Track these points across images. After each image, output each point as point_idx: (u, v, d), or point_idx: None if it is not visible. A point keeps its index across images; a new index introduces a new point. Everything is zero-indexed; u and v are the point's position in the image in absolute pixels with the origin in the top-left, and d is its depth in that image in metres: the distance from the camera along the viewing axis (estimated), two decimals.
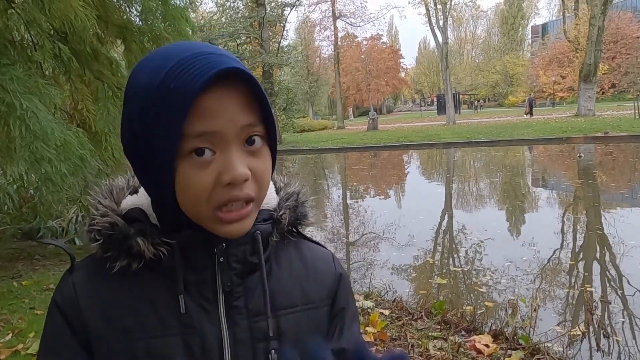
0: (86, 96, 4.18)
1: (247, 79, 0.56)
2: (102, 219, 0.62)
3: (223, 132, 0.55)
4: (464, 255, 5.67)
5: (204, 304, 0.62)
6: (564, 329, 3.44)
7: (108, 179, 0.69)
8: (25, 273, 4.76)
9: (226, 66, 0.53)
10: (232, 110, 0.55)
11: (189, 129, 0.54)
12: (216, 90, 0.54)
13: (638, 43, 36.50)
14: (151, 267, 0.62)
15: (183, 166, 0.55)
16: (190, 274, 0.62)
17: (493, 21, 71.61)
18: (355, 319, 0.76)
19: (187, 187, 0.56)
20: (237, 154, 0.56)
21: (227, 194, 0.56)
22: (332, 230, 7.56)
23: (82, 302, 0.62)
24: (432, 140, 20.48)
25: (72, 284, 0.63)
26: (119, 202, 0.66)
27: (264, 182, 0.60)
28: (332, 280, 0.73)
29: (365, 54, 51.85)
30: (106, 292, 0.62)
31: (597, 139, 16.71)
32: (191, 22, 5.03)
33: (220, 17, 26.36)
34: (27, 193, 5.07)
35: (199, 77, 0.52)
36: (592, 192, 9.10)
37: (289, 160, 19.82)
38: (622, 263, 4.95)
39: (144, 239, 0.60)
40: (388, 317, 3.41)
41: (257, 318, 0.64)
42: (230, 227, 0.58)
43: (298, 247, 0.73)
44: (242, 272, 0.64)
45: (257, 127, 0.58)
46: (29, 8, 3.55)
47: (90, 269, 0.65)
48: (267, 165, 0.61)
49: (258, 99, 0.58)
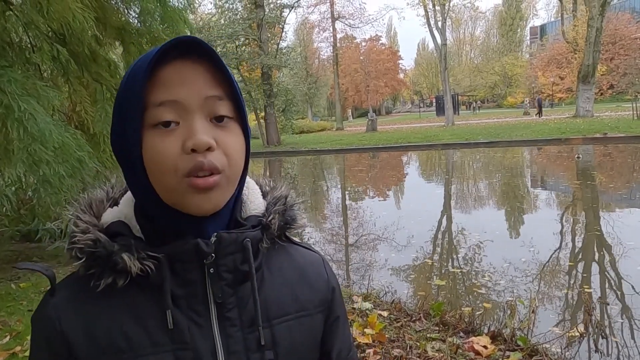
0: (84, 98, 4.17)
1: (208, 53, 0.57)
2: (84, 236, 0.60)
3: (185, 101, 0.56)
4: (463, 257, 5.67)
5: (195, 318, 0.60)
6: (562, 330, 3.44)
7: (87, 193, 0.67)
8: (24, 275, 4.75)
9: (183, 37, 0.55)
10: (194, 81, 0.57)
11: (152, 98, 0.56)
12: (178, 63, 0.57)
13: (636, 44, 36.54)
14: (138, 282, 0.59)
15: (149, 137, 0.57)
16: (179, 288, 0.60)
17: (492, 22, 71.69)
18: (347, 321, 0.77)
19: (153, 157, 0.56)
20: (201, 122, 0.57)
21: (192, 160, 0.55)
22: (331, 231, 7.56)
23: (65, 325, 0.60)
24: (431, 141, 20.48)
25: (52, 308, 0.61)
26: (99, 215, 0.64)
27: (233, 157, 0.59)
28: (324, 286, 0.72)
29: (364, 55, 51.93)
30: (91, 311, 0.60)
31: (596, 139, 16.73)
32: (190, 24, 5.03)
33: (219, 19, 26.34)
34: (25, 195, 5.06)
35: (157, 49, 0.55)
36: (591, 193, 9.11)
37: (287, 162, 19.82)
38: (620, 264, 4.95)
39: (129, 255, 0.58)
40: (386, 318, 3.40)
41: (251, 328, 0.62)
42: (199, 198, 0.57)
43: (288, 252, 0.72)
44: (234, 282, 0.62)
45: (224, 102, 0.59)
46: (27, 10, 3.55)
47: (72, 289, 0.62)
48: (238, 141, 0.60)
49: (224, 75, 0.59)
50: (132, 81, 0.57)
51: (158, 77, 0.56)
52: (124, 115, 0.57)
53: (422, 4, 29.61)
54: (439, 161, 17.03)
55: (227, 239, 0.61)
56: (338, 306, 0.74)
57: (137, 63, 0.58)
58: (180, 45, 0.56)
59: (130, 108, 0.56)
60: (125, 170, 0.62)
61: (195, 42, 0.56)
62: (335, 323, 0.73)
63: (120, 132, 0.59)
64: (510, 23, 66.33)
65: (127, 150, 0.58)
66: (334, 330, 0.73)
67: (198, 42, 0.56)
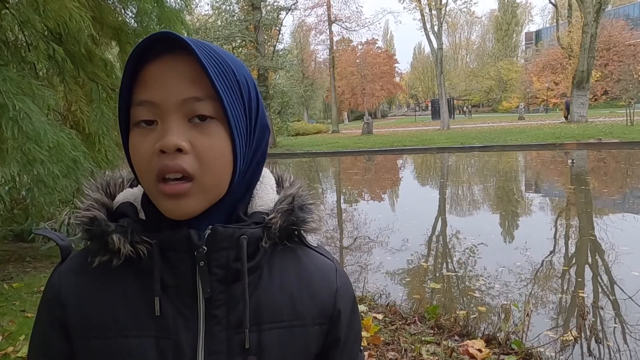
0: (80, 98, 4.15)
1: (189, 48, 0.54)
2: (83, 213, 0.61)
3: (162, 103, 0.55)
4: (458, 260, 5.68)
5: (182, 309, 0.59)
6: (556, 334, 3.45)
7: (107, 172, 0.68)
8: (16, 275, 4.71)
9: (159, 32, 0.55)
10: (173, 81, 0.55)
11: (134, 96, 0.57)
12: (161, 61, 0.56)
13: (630, 51, 36.84)
14: (132, 264, 0.59)
15: (132, 134, 0.58)
16: (170, 277, 0.59)
17: (487, 27, 72.06)
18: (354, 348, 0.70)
19: (133, 155, 0.58)
20: (176, 124, 0.55)
21: (159, 162, 0.55)
22: (325, 233, 7.55)
23: (64, 293, 0.62)
24: (426, 145, 20.53)
25: (57, 275, 0.64)
26: (114, 195, 0.65)
27: (208, 162, 0.56)
28: (329, 298, 0.66)
29: (360, 58, 52.07)
30: (88, 285, 0.61)
31: (590, 145, 16.83)
32: (187, 25, 5.02)
33: (216, 20, 26.33)
34: (19, 195, 5.02)
35: (135, 46, 0.55)
36: (585, 197, 9.16)
37: (283, 164, 19.80)
38: (614, 268, 4.97)
39: (120, 237, 0.58)
40: (381, 321, 3.40)
41: (237, 330, 0.60)
42: (169, 203, 0.56)
43: (297, 255, 0.67)
44: (225, 279, 0.59)
45: (204, 103, 0.55)
46: (23, 8, 3.53)
47: (78, 261, 0.64)
48: (216, 143, 0.56)
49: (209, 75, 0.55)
50: (122, 78, 0.57)
51: (141, 74, 0.56)
52: (118, 114, 0.59)
53: (418, 8, 29.75)
54: (434, 165, 17.07)
55: (222, 234, 0.58)
56: (343, 326, 0.67)
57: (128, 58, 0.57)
58: (163, 41, 0.54)
59: (119, 106, 0.58)
60: None
61: (172, 37, 0.54)
62: (334, 344, 0.67)
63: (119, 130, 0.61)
64: (505, 28, 66.68)
65: (123, 147, 0.60)
66: (330, 350, 0.67)
67: (175, 37, 0.53)
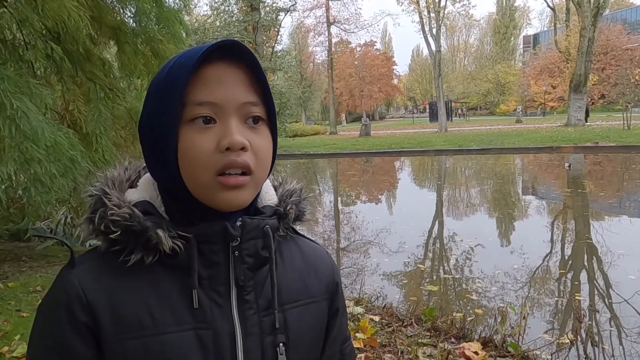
0: (78, 97, 4.14)
1: (248, 56, 0.60)
2: (119, 210, 0.60)
3: (224, 104, 0.60)
4: (455, 262, 5.68)
5: (217, 299, 0.62)
6: (552, 337, 3.45)
7: (105, 171, 0.67)
8: (12, 275, 4.69)
9: (226, 40, 0.58)
10: (233, 85, 0.60)
11: (192, 97, 0.59)
12: (219, 64, 0.60)
13: (627, 55, 36.94)
14: (162, 261, 0.61)
15: (185, 132, 0.59)
16: (204, 269, 0.62)
17: (485, 30, 72.28)
18: (345, 314, 0.80)
19: (188, 151, 0.59)
20: (236, 125, 0.60)
21: (225, 158, 0.58)
22: (323, 235, 7.55)
23: (91, 296, 0.59)
24: (424, 147, 20.56)
25: (77, 279, 0.60)
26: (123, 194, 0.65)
27: (264, 159, 0.63)
28: (330, 277, 0.76)
29: (358, 60, 52.09)
30: (116, 287, 0.60)
31: (587, 148, 16.89)
32: (185, 25, 5.02)
33: (215, 21, 26.34)
34: (15, 194, 5.00)
35: (201, 49, 0.58)
36: (582, 201, 9.19)
37: (280, 165, 19.79)
38: (610, 272, 4.99)
39: (163, 232, 0.60)
40: (378, 323, 3.40)
41: (266, 312, 0.65)
42: (229, 195, 0.59)
43: (297, 243, 0.75)
44: (253, 266, 0.65)
45: (257, 107, 0.62)
46: (21, 7, 3.52)
47: (95, 263, 0.62)
48: (267, 144, 0.64)
49: (260, 81, 0.62)
50: (174, 77, 0.59)
51: (200, 76, 0.59)
52: (164, 109, 0.59)
53: (417, 10, 29.83)
54: (431, 167, 17.10)
55: (250, 225, 0.64)
56: (339, 299, 0.77)
57: (178, 59, 0.60)
58: (223, 47, 0.59)
59: (172, 103, 0.59)
60: (151, 159, 0.64)
61: (237, 45, 0.59)
62: (335, 315, 0.77)
63: (156, 125, 0.61)
64: (504, 31, 66.90)
65: (162, 143, 0.60)
66: (331, 320, 0.76)
67: (239, 46, 0.60)
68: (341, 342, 0.78)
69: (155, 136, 0.61)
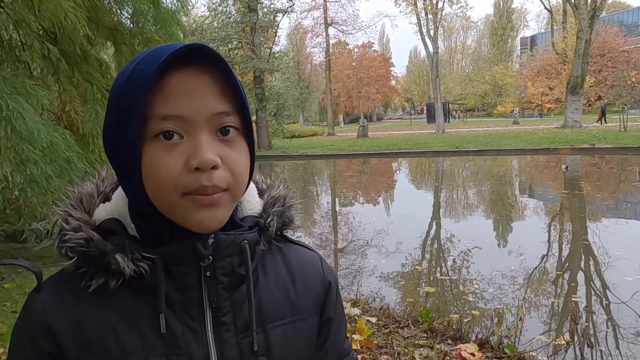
0: (74, 98, 4.13)
1: (218, 61, 0.54)
2: (76, 235, 0.56)
3: (191, 117, 0.53)
4: (452, 264, 5.69)
5: (190, 323, 0.58)
6: (549, 338, 3.46)
7: (76, 187, 0.63)
8: (8, 276, 4.68)
9: (192, 44, 0.52)
10: (202, 94, 0.54)
11: (155, 110, 0.53)
12: (185, 72, 0.53)
13: (624, 57, 37.10)
14: (130, 283, 0.57)
15: (149, 149, 0.54)
16: (174, 291, 0.57)
17: (483, 32, 72.42)
18: (343, 323, 0.74)
19: (153, 171, 0.53)
20: (207, 139, 0.54)
21: (195, 181, 0.53)
22: (320, 236, 7.54)
23: (54, 322, 0.57)
24: (422, 148, 20.59)
25: (41, 306, 0.58)
26: (91, 211, 0.60)
27: (239, 174, 0.56)
28: (321, 288, 0.70)
29: (356, 61, 52.11)
30: (81, 311, 0.57)
31: (584, 150, 16.94)
32: (183, 26, 5.02)
33: (212, 22, 26.32)
34: (11, 195, 4.99)
35: (165, 53, 0.51)
36: (578, 202, 9.21)
37: (278, 166, 19.78)
38: (607, 273, 5.00)
39: (123, 256, 0.55)
40: (375, 324, 3.40)
41: (245, 333, 0.60)
42: (202, 214, 0.54)
43: (284, 252, 0.69)
44: (229, 285, 0.60)
45: (231, 117, 0.56)
46: (18, 8, 3.52)
47: (61, 286, 0.59)
48: (243, 157, 0.57)
49: (233, 87, 0.56)
50: (133, 87, 0.53)
51: (163, 86, 0.53)
52: (124, 122, 0.54)
53: (414, 12, 29.87)
54: (429, 168, 17.11)
55: (225, 241, 0.58)
56: (331, 306, 0.71)
57: (138, 65, 0.53)
58: (189, 52, 0.53)
59: (132, 117, 0.53)
60: (119, 175, 0.59)
61: (204, 50, 0.53)
62: (326, 324, 0.70)
63: (116, 138, 0.55)
64: (501, 33, 67.04)
65: (124, 158, 0.55)
66: (322, 329, 0.70)
67: (207, 50, 0.53)
68: (336, 356, 0.72)
69: (117, 150, 0.56)
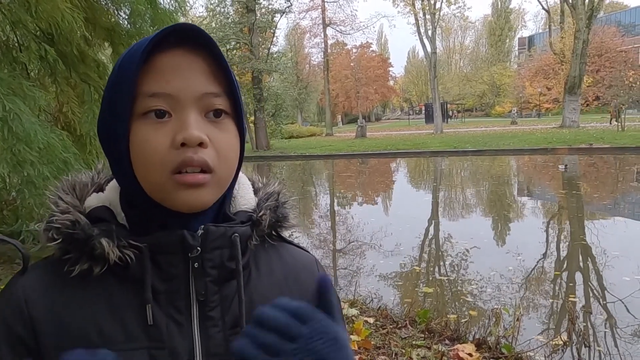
0: (72, 99, 4.12)
1: (209, 43, 0.54)
2: (62, 216, 0.56)
3: (179, 95, 0.54)
4: (450, 264, 5.69)
5: (175, 315, 0.56)
6: (546, 338, 3.46)
7: (70, 175, 0.63)
8: (5, 277, 4.66)
9: (182, 23, 0.53)
10: (191, 74, 0.54)
11: (144, 88, 0.53)
12: (175, 51, 0.54)
13: (621, 57, 37.27)
14: (116, 272, 0.56)
15: (137, 127, 0.54)
16: (160, 282, 0.56)
17: (481, 32, 72.54)
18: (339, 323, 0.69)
19: (140, 148, 0.54)
20: (194, 118, 0.54)
21: (181, 155, 0.53)
22: (318, 237, 7.55)
23: (33, 308, 0.55)
24: (420, 148, 20.61)
25: (21, 287, 0.56)
26: (83, 199, 0.60)
27: (227, 156, 0.56)
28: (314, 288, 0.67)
29: (354, 61, 52.12)
30: (63, 298, 0.56)
31: (581, 150, 16.98)
32: None
33: (210, 22, 26.29)
34: (8, 196, 4.98)
35: (155, 35, 0.52)
36: (576, 202, 9.23)
37: (276, 166, 19.79)
38: (604, 273, 5.01)
39: (108, 240, 0.54)
40: (372, 325, 3.40)
41: (234, 330, 0.58)
42: (187, 194, 0.54)
43: (279, 251, 0.68)
44: (219, 279, 0.58)
45: (220, 99, 0.56)
46: (15, 8, 3.51)
47: (45, 271, 0.58)
48: (231, 139, 0.57)
49: (223, 70, 0.56)
50: (124, 68, 0.54)
51: (152, 65, 0.53)
52: (113, 104, 0.55)
53: (412, 12, 29.91)
54: (427, 168, 17.13)
55: (215, 233, 0.58)
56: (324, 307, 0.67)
57: (131, 49, 0.55)
58: (179, 33, 0.53)
59: (121, 96, 0.53)
60: (111, 161, 0.59)
61: (195, 30, 0.53)
62: None
63: (108, 121, 0.56)
64: (499, 33, 67.14)
65: (114, 141, 0.55)
66: None
67: (197, 30, 0.53)
68: None
69: (108, 132, 0.56)
